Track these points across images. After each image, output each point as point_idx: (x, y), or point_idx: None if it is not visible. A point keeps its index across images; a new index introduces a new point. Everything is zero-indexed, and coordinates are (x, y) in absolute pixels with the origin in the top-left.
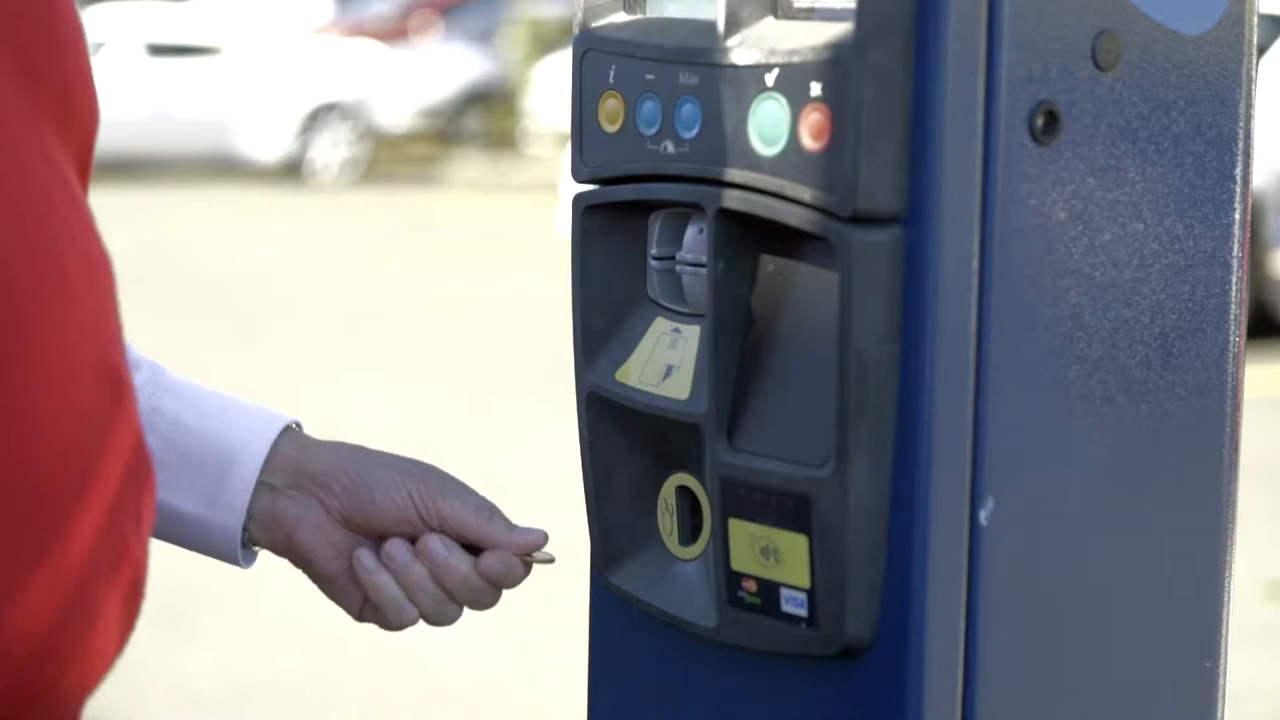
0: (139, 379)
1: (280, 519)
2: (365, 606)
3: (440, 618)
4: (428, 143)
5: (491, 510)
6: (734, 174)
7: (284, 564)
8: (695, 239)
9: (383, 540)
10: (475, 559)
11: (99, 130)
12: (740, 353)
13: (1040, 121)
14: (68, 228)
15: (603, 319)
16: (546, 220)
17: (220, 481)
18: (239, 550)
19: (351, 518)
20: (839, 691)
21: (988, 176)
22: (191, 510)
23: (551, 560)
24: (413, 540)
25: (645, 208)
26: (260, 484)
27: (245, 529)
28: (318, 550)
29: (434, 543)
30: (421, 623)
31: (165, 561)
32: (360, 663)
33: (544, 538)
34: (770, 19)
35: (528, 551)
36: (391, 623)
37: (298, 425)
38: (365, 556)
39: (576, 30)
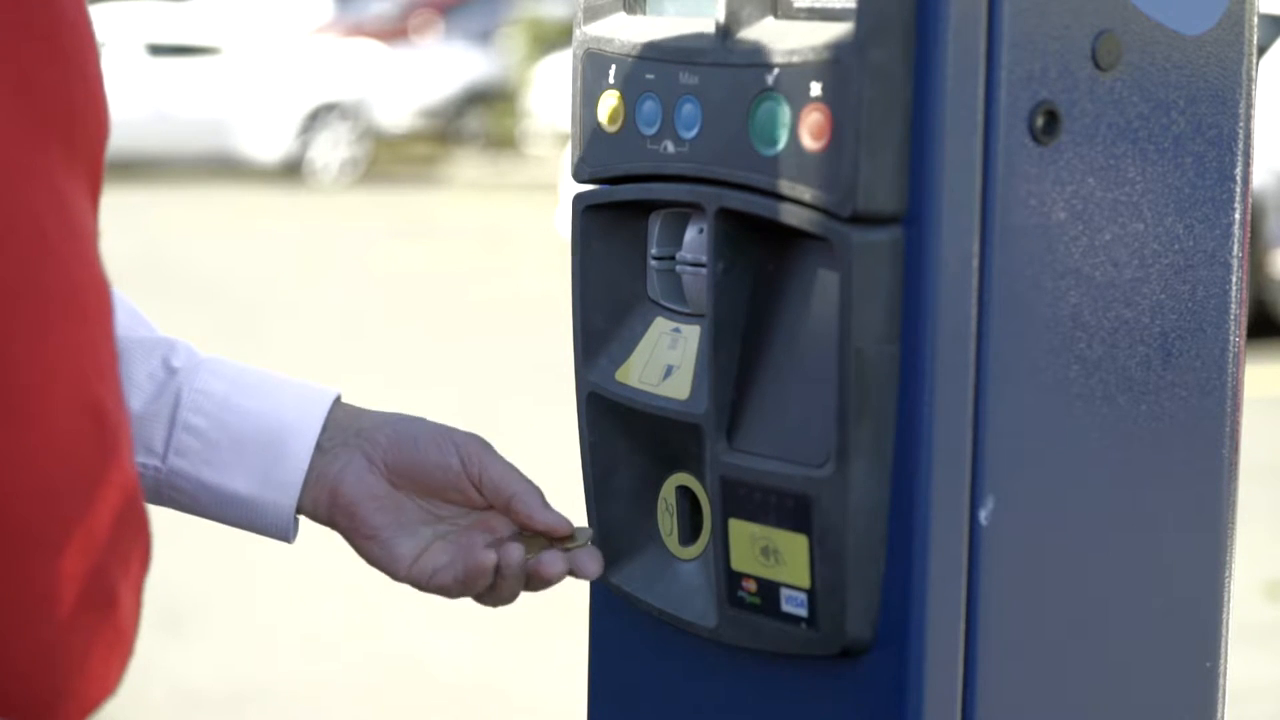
0: (177, 361)
1: (324, 475)
2: (414, 566)
3: (497, 601)
4: (428, 143)
5: (531, 482)
6: (734, 174)
7: (282, 566)
8: (695, 239)
9: (424, 498)
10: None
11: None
12: (740, 353)
13: (1040, 121)
14: (55, 258)
15: (603, 319)
16: (546, 220)
17: (274, 460)
18: (291, 526)
19: (395, 467)
20: (839, 691)
21: (988, 176)
22: (245, 491)
23: (591, 536)
24: (458, 502)
25: (645, 208)
26: (314, 448)
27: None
28: (360, 501)
29: (515, 553)
30: (420, 620)
31: (165, 563)
32: (358, 664)
33: (569, 525)
34: (770, 19)
35: (554, 532)
36: (450, 595)
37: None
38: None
39: (576, 30)
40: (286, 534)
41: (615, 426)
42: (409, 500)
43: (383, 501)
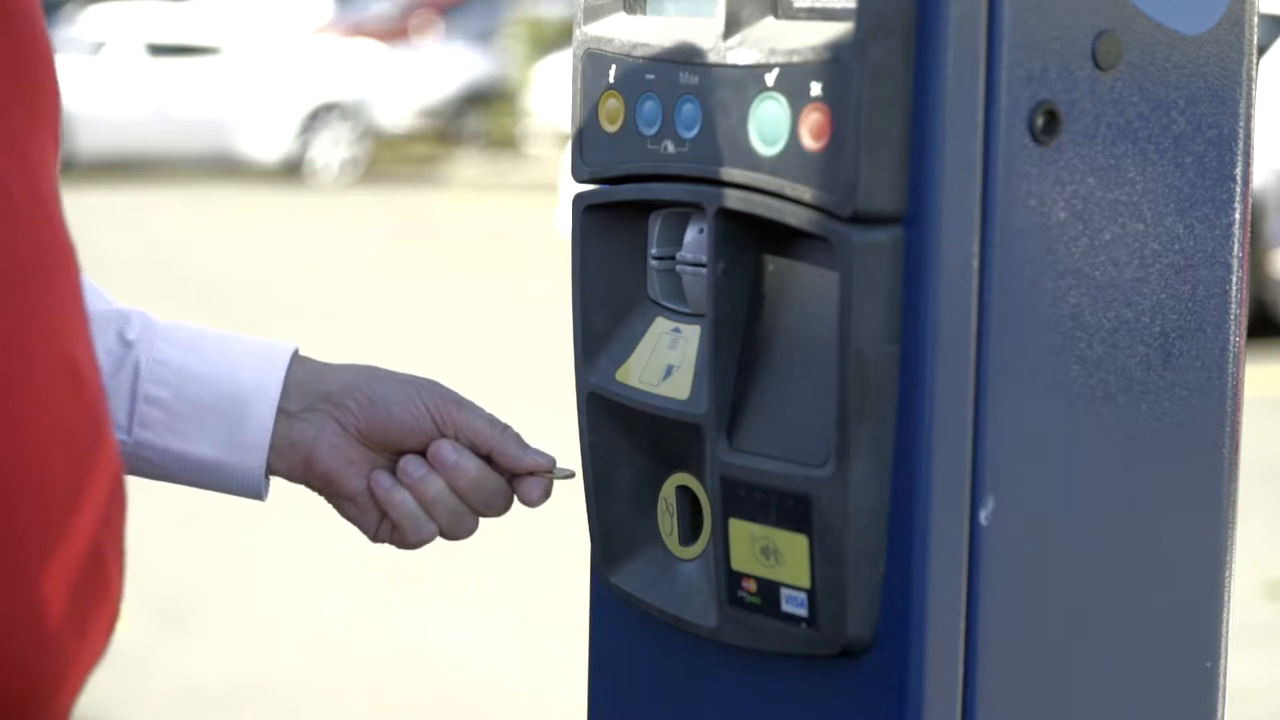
0: (132, 333)
1: (297, 443)
2: (382, 526)
3: (458, 530)
4: (428, 143)
5: (504, 425)
6: (734, 174)
7: (284, 563)
8: (695, 239)
9: (399, 457)
10: (485, 464)
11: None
12: (740, 353)
13: (1040, 121)
14: (23, 220)
15: (603, 319)
16: (546, 220)
17: (237, 424)
18: (262, 487)
19: (369, 433)
20: (839, 691)
21: (988, 176)
22: (211, 456)
23: (571, 475)
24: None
25: (645, 207)
26: (276, 410)
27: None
28: (337, 469)
29: (444, 447)
30: (422, 618)
31: (165, 562)
32: (360, 662)
33: (553, 461)
34: (770, 19)
35: (538, 471)
36: (410, 539)
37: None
38: (381, 477)
39: (576, 30)
40: (258, 494)
41: (615, 426)
42: (384, 459)
43: (359, 467)
